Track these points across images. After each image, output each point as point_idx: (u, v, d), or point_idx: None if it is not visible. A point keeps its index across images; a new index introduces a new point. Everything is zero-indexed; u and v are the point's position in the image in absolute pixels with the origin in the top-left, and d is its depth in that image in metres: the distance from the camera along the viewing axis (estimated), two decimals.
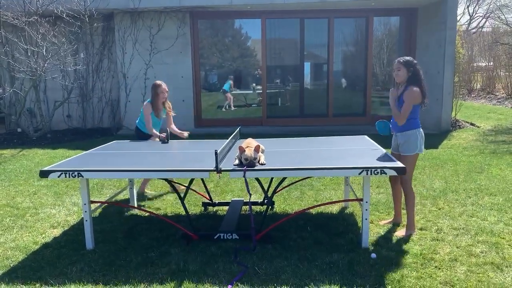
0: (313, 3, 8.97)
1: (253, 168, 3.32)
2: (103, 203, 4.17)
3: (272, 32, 10.08)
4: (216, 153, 3.28)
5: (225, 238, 3.71)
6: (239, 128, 4.96)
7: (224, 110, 10.64)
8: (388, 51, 10.40)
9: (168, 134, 4.85)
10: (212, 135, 8.55)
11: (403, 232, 3.81)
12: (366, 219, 3.50)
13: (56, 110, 9.79)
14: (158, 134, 4.96)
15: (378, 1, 8.94)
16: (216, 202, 4.73)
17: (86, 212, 3.61)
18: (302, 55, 10.22)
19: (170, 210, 4.67)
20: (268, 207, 3.90)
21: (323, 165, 3.40)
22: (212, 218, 4.44)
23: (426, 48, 9.48)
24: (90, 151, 4.35)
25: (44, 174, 3.44)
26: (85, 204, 3.60)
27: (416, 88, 3.64)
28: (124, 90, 9.98)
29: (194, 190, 4.80)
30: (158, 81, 5.11)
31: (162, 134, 4.87)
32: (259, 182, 3.96)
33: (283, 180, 3.84)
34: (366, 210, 3.48)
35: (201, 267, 3.27)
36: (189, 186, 4.14)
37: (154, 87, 5.02)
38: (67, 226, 4.27)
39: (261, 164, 3.42)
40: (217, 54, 10.52)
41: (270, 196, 3.97)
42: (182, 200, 3.82)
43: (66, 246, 3.76)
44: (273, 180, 4.57)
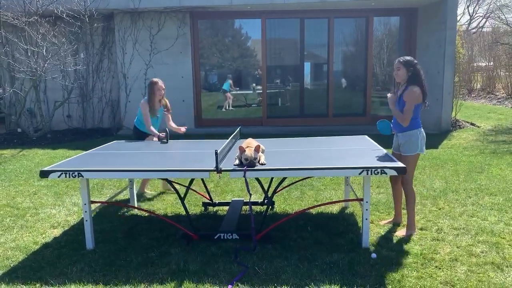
0: (313, 3, 8.97)
1: (253, 168, 3.32)
2: (103, 203, 4.17)
3: (272, 32, 10.08)
4: (216, 153, 3.28)
5: (225, 238, 3.71)
6: (239, 128, 4.96)
7: (224, 110, 10.64)
8: (388, 51, 10.40)
9: (168, 134, 4.81)
10: (212, 135, 8.55)
11: (404, 232, 3.81)
12: (367, 219, 3.49)
13: (56, 110, 9.79)
14: (158, 133, 4.94)
15: (378, 1, 8.94)
16: (216, 202, 4.73)
17: (86, 212, 3.61)
18: (302, 55, 10.22)
19: (170, 210, 4.67)
20: (268, 207, 3.90)
21: (323, 165, 3.40)
22: (212, 218, 4.44)
23: (426, 48, 9.48)
24: (90, 151, 4.35)
25: (44, 174, 3.44)
26: (85, 204, 3.60)
27: (416, 88, 3.64)
28: (124, 90, 9.99)
29: (194, 190, 4.80)
30: (155, 78, 5.09)
31: (161, 133, 4.85)
32: (259, 182, 3.96)
33: (283, 180, 3.84)
34: (367, 210, 3.47)
35: (201, 267, 3.27)
36: (189, 186, 4.14)
37: (151, 84, 4.99)
38: (67, 226, 4.27)
39: (261, 164, 3.42)
40: (217, 54, 10.52)
41: (270, 196, 3.97)
42: (182, 200, 3.82)
43: (66, 246, 3.76)
44: (273, 180, 4.57)
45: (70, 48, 9.30)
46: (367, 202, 3.47)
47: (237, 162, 3.45)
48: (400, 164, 3.35)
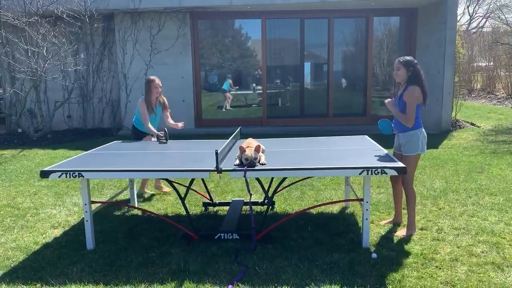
0: (313, 3, 8.97)
1: (253, 168, 3.32)
2: (104, 203, 4.17)
3: (272, 32, 10.08)
4: (216, 153, 3.28)
5: (225, 238, 3.71)
6: (239, 128, 4.96)
7: (224, 110, 10.65)
8: (388, 51, 10.40)
9: (166, 133, 4.79)
10: (212, 135, 8.56)
11: (404, 232, 3.81)
12: (367, 219, 3.50)
13: (57, 111, 9.79)
14: (156, 132, 4.93)
15: (378, 1, 8.94)
16: (217, 202, 4.73)
17: (86, 212, 3.61)
18: (302, 55, 10.22)
19: (170, 210, 4.67)
20: (268, 207, 3.90)
21: (323, 165, 3.40)
22: (213, 218, 4.44)
23: (426, 48, 9.48)
24: (90, 151, 4.35)
25: (45, 174, 3.45)
26: (85, 204, 3.60)
27: (416, 88, 3.64)
28: (124, 91, 9.99)
29: (195, 190, 4.80)
30: (152, 76, 5.09)
31: (160, 132, 4.85)
32: (260, 182, 3.96)
33: (283, 180, 3.84)
34: (367, 210, 3.48)
35: (201, 267, 3.28)
36: (189, 186, 4.14)
37: (148, 82, 4.99)
38: (67, 226, 4.27)
39: (261, 164, 3.43)
40: (217, 54, 10.52)
41: (271, 196, 3.97)
42: (182, 200, 3.82)
43: (66, 246, 3.77)
44: (273, 180, 4.57)
45: (71, 48, 9.30)
46: (367, 202, 3.48)
47: (237, 162, 3.45)
48: (400, 164, 3.35)
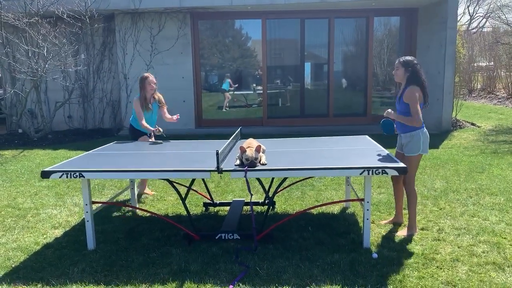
0: (313, 3, 8.97)
1: (254, 168, 3.32)
2: (105, 203, 4.17)
3: (273, 33, 10.08)
4: (217, 153, 3.29)
5: (226, 238, 3.71)
6: (240, 129, 4.96)
7: (224, 111, 10.65)
8: (388, 51, 10.40)
9: (160, 130, 4.83)
10: (213, 135, 8.57)
11: (405, 232, 3.81)
12: (368, 219, 3.49)
13: (57, 111, 9.79)
14: (152, 128, 4.90)
15: (379, 1, 8.94)
16: (217, 202, 4.74)
17: (87, 213, 3.62)
18: (303, 55, 10.22)
19: (171, 211, 4.67)
20: (269, 207, 3.90)
21: (324, 165, 3.40)
22: (213, 218, 4.44)
23: (427, 48, 9.48)
24: (91, 152, 4.36)
25: (45, 174, 3.45)
26: (86, 205, 3.60)
27: (415, 88, 3.63)
28: (125, 91, 9.99)
29: (195, 191, 4.80)
30: (146, 73, 5.07)
31: (155, 129, 4.84)
32: (260, 182, 3.96)
33: (284, 180, 3.84)
34: (368, 210, 3.47)
35: (202, 267, 3.28)
36: (190, 187, 4.14)
37: (141, 79, 4.96)
38: (68, 226, 4.28)
39: (262, 164, 3.43)
40: (217, 54, 10.52)
41: (271, 196, 3.98)
42: (183, 200, 3.82)
43: (67, 246, 3.77)
44: (274, 180, 4.57)
45: (71, 49, 9.31)
46: (368, 202, 3.48)
47: (238, 162, 3.45)
48: (401, 164, 3.35)
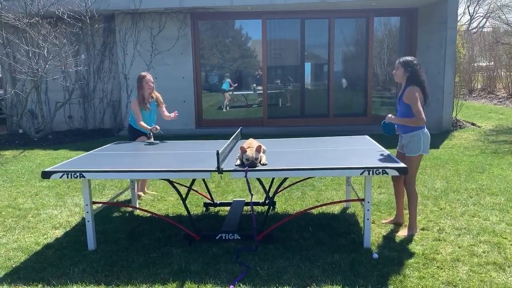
0: (313, 3, 8.97)
1: (254, 169, 3.33)
2: (105, 203, 4.17)
3: (273, 33, 10.08)
4: (217, 153, 3.29)
5: (226, 238, 3.72)
6: (240, 129, 4.97)
7: (225, 111, 10.65)
8: (388, 51, 10.40)
9: (159, 128, 4.84)
10: (213, 135, 8.56)
11: (405, 232, 3.81)
12: (368, 219, 3.50)
13: (58, 111, 9.80)
14: (149, 127, 4.88)
15: (379, 1, 8.94)
16: (218, 202, 4.74)
17: (88, 213, 3.62)
18: (303, 55, 10.22)
19: (171, 211, 4.67)
20: (269, 207, 3.91)
21: (324, 165, 3.40)
22: (214, 218, 4.44)
23: (427, 48, 9.48)
24: (91, 152, 4.36)
25: (46, 175, 3.45)
26: (87, 205, 3.60)
27: (415, 88, 3.63)
28: (125, 91, 9.99)
29: (196, 191, 4.80)
30: (143, 72, 5.06)
31: (153, 127, 4.84)
32: (261, 182, 3.96)
33: (284, 181, 3.84)
34: (368, 210, 3.48)
35: (203, 267, 3.28)
36: (191, 187, 4.14)
37: (139, 79, 4.96)
38: (69, 227, 4.28)
39: (262, 164, 3.43)
40: (217, 54, 10.53)
41: (272, 196, 3.98)
42: (183, 200, 3.82)
43: (68, 247, 3.77)
44: (274, 181, 4.57)
45: (71, 49, 9.31)
46: (368, 203, 3.48)
47: (238, 162, 3.45)
48: (401, 164, 3.35)
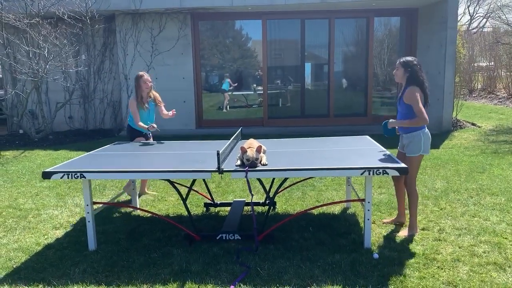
0: (313, 3, 8.97)
1: (255, 169, 3.33)
2: (106, 204, 4.18)
3: (273, 33, 10.09)
4: (218, 153, 3.29)
5: (227, 238, 3.72)
6: (240, 129, 4.97)
7: (225, 111, 10.65)
8: (388, 51, 10.40)
9: (155, 126, 4.85)
10: (213, 136, 8.56)
11: (405, 233, 3.81)
12: (368, 220, 3.50)
13: (58, 112, 9.80)
14: (146, 126, 4.86)
15: (379, 1, 8.95)
16: (218, 202, 4.74)
17: (88, 213, 3.62)
18: (303, 55, 10.23)
19: (172, 211, 4.68)
20: (270, 207, 3.91)
21: (324, 165, 3.40)
22: (214, 218, 4.45)
23: (427, 48, 9.48)
24: (92, 152, 4.36)
25: (46, 175, 3.45)
26: (87, 205, 3.61)
27: (415, 88, 3.63)
28: (125, 92, 10.00)
29: (196, 191, 4.81)
30: (140, 72, 5.04)
31: (150, 125, 4.84)
32: (261, 182, 3.97)
33: (284, 181, 3.84)
34: (368, 210, 3.48)
35: (203, 267, 3.28)
36: (191, 187, 4.14)
37: (136, 78, 4.94)
38: (69, 227, 4.28)
39: (262, 164, 3.43)
40: (218, 55, 10.53)
41: (272, 196, 3.98)
42: (184, 201, 3.82)
43: (68, 247, 3.77)
44: (274, 181, 4.57)
45: (72, 50, 9.32)
46: (369, 203, 3.48)
47: (238, 162, 3.46)
48: (402, 164, 3.35)
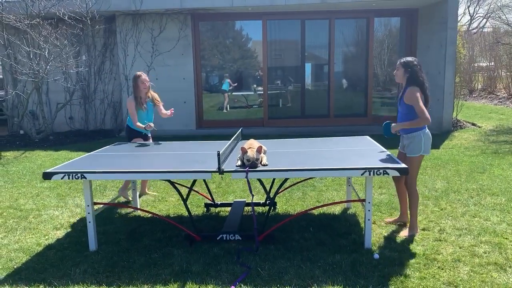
0: (313, 4, 8.98)
1: (255, 169, 3.33)
2: (106, 204, 4.18)
3: (273, 34, 10.10)
4: (218, 154, 3.29)
5: (227, 239, 3.72)
6: (241, 129, 4.97)
7: (225, 111, 10.66)
8: (389, 51, 10.40)
9: (152, 125, 4.82)
10: (214, 136, 8.57)
11: (406, 233, 3.81)
12: (369, 220, 3.50)
13: (59, 112, 9.81)
14: (143, 126, 4.83)
15: (379, 2, 8.95)
16: (218, 203, 4.74)
17: (89, 214, 3.62)
18: (303, 56, 10.23)
19: (172, 211, 4.68)
20: (270, 208, 3.91)
21: (325, 165, 3.40)
22: (215, 219, 4.45)
23: (427, 48, 9.48)
24: (92, 153, 4.37)
25: (47, 175, 3.46)
26: (88, 206, 3.61)
27: (415, 88, 3.63)
28: (126, 92, 10.00)
29: (197, 191, 4.81)
30: (138, 72, 5.03)
31: (146, 125, 4.81)
32: (261, 183, 3.97)
33: (285, 181, 3.84)
34: (369, 210, 3.48)
35: (204, 268, 3.28)
36: (191, 187, 4.14)
37: (134, 78, 4.92)
38: (70, 227, 4.28)
39: (263, 165, 3.43)
40: (218, 55, 10.54)
41: (272, 197, 3.98)
42: (184, 201, 3.82)
43: (69, 247, 3.78)
44: (275, 181, 4.57)
45: (72, 50, 9.33)
46: (369, 203, 3.48)
47: (239, 163, 3.46)
48: (402, 164, 3.35)
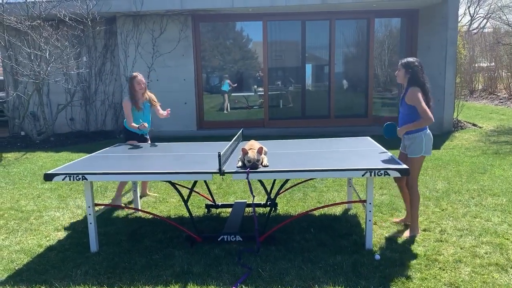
0: (314, 5, 8.98)
1: (256, 170, 3.33)
2: (107, 205, 4.19)
3: (274, 34, 10.10)
4: (219, 155, 3.30)
5: (228, 240, 3.72)
6: (241, 130, 4.98)
7: (226, 112, 10.66)
8: (389, 52, 10.41)
9: (146, 125, 4.79)
10: (214, 137, 8.58)
11: (407, 234, 3.81)
12: (370, 221, 3.50)
13: (59, 114, 9.83)
14: (136, 125, 4.81)
15: (379, 2, 8.95)
16: (219, 204, 4.75)
17: (90, 215, 3.63)
18: (304, 57, 10.24)
19: (173, 212, 4.68)
20: (271, 208, 3.90)
21: (326, 166, 3.40)
22: (216, 220, 4.45)
23: (428, 49, 9.48)
24: (93, 154, 4.37)
25: (48, 177, 3.46)
26: (89, 207, 3.61)
27: (416, 89, 3.63)
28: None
29: (197, 192, 4.81)
30: (134, 72, 5.04)
31: (140, 124, 4.77)
32: (262, 184, 3.97)
33: (286, 182, 3.84)
34: (370, 211, 3.48)
35: (205, 269, 3.28)
36: (192, 189, 4.15)
37: (130, 79, 4.93)
38: (71, 229, 4.29)
39: (264, 166, 3.44)
40: (218, 56, 10.55)
41: (273, 198, 3.98)
42: (185, 202, 3.83)
43: (70, 249, 3.78)
44: (276, 182, 4.58)
45: (73, 52, 9.35)
46: (370, 204, 3.48)
47: (240, 164, 3.46)
48: (403, 165, 3.35)
